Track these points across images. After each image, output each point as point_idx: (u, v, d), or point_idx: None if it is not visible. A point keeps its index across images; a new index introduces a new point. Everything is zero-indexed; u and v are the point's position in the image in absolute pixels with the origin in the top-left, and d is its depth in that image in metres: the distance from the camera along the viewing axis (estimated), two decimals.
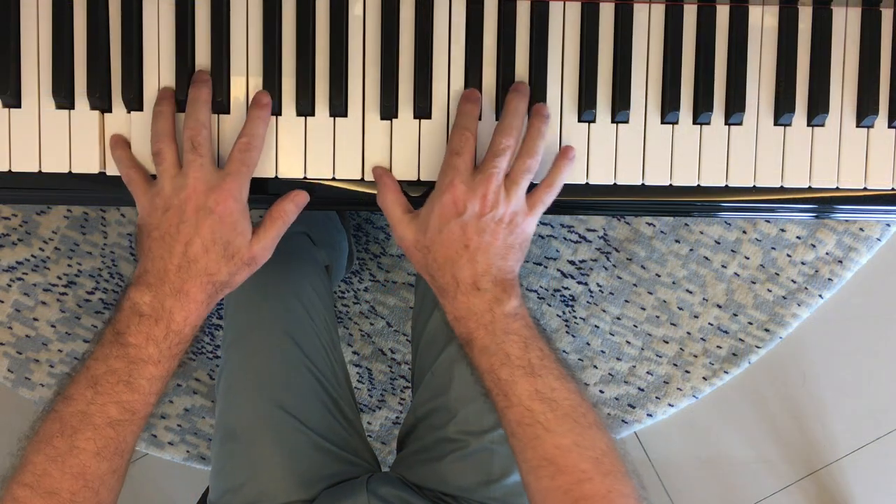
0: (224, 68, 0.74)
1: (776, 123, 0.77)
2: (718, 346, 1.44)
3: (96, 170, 0.75)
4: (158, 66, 0.74)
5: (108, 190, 0.76)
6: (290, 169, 0.75)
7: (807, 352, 1.46)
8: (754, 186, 0.77)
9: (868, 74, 0.76)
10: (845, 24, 0.76)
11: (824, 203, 0.78)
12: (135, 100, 0.74)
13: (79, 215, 1.40)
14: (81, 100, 0.74)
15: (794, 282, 1.42)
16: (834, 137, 0.77)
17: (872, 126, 0.77)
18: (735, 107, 0.76)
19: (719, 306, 1.43)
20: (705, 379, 1.45)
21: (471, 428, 0.90)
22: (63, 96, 0.74)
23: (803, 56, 0.76)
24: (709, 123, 0.76)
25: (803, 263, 1.42)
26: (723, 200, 0.78)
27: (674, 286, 1.42)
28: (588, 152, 0.76)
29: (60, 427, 0.67)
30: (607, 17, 0.75)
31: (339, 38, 0.74)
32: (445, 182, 0.70)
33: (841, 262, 1.41)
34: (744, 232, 1.41)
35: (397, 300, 1.43)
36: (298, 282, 1.00)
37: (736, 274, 1.42)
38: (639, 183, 0.77)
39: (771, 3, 0.76)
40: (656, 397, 1.46)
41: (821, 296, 1.43)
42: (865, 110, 0.76)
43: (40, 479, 0.66)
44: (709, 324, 1.44)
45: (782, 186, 0.77)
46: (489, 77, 0.75)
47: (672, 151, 0.76)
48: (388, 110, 0.75)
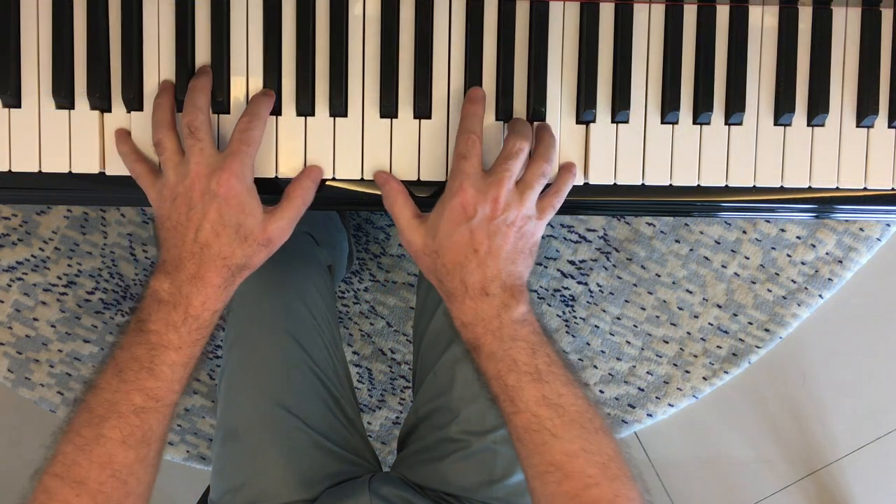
0: (224, 68, 0.74)
1: (776, 123, 0.77)
2: (718, 346, 1.44)
3: (96, 170, 0.75)
4: (158, 66, 0.74)
5: (108, 190, 0.76)
6: (290, 169, 0.75)
7: (807, 352, 1.46)
8: (754, 186, 0.77)
9: (868, 74, 0.76)
10: (845, 24, 0.76)
11: (824, 203, 0.78)
12: (135, 99, 0.74)
13: (79, 215, 1.40)
14: (81, 100, 0.74)
15: (794, 282, 1.42)
16: (834, 137, 0.77)
17: (872, 126, 0.77)
18: (735, 107, 0.76)
19: (719, 306, 1.43)
20: (705, 379, 1.45)
21: (473, 428, 0.90)
22: (63, 96, 0.74)
23: (803, 56, 0.76)
24: (709, 123, 0.76)
25: (803, 263, 1.42)
26: (723, 200, 0.78)
27: (674, 286, 1.42)
28: (588, 152, 0.76)
29: (88, 416, 0.68)
30: (607, 17, 0.75)
31: (339, 38, 0.74)
32: (455, 186, 0.69)
33: (841, 262, 1.41)
34: (744, 232, 1.41)
35: (397, 300, 1.43)
36: (301, 281, 1.00)
37: (736, 274, 1.42)
38: (639, 183, 0.77)
39: (771, 3, 0.76)
40: (656, 397, 1.46)
41: (821, 296, 1.43)
42: (865, 110, 0.76)
43: (69, 468, 0.67)
44: (709, 324, 1.44)
45: (782, 186, 0.77)
46: (489, 77, 0.75)
47: (672, 151, 0.76)
48: (388, 110, 0.75)
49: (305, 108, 0.75)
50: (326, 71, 0.74)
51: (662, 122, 0.76)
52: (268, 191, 0.74)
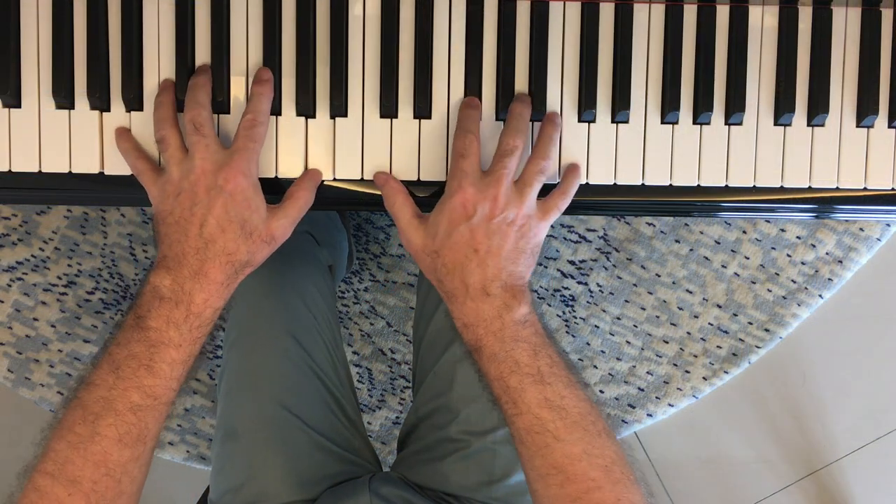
0: (224, 68, 0.74)
1: (776, 123, 0.77)
2: (718, 346, 1.44)
3: (96, 170, 0.75)
4: (158, 66, 0.74)
5: (108, 190, 0.76)
6: (291, 169, 0.75)
7: (807, 352, 1.46)
8: (754, 186, 0.77)
9: (868, 74, 0.76)
10: (845, 24, 0.76)
11: (824, 203, 0.78)
12: (135, 99, 0.74)
13: (79, 215, 1.40)
14: (81, 100, 0.74)
15: (794, 282, 1.42)
16: (834, 137, 0.77)
17: (872, 126, 0.77)
18: (735, 107, 0.76)
19: (719, 306, 1.43)
20: (705, 379, 1.45)
21: (473, 428, 0.90)
22: (63, 96, 0.74)
23: (803, 56, 0.76)
24: (709, 123, 0.76)
25: (803, 263, 1.42)
26: (723, 200, 0.78)
27: (674, 286, 1.42)
28: (588, 152, 0.76)
29: (83, 413, 0.67)
30: (607, 17, 0.75)
31: (339, 38, 0.74)
32: (454, 185, 0.69)
33: (841, 262, 1.41)
34: (744, 232, 1.41)
35: (397, 300, 1.43)
36: (301, 281, 1.00)
37: (736, 274, 1.42)
38: (639, 183, 0.77)
39: (771, 3, 0.76)
40: (656, 397, 1.46)
41: (821, 296, 1.43)
42: (865, 110, 0.76)
43: (62, 466, 0.65)
44: (709, 324, 1.44)
45: (782, 186, 0.77)
46: (489, 77, 0.75)
47: (672, 151, 0.76)
48: (388, 110, 0.75)
49: (305, 108, 0.75)
50: (326, 71, 0.74)
51: (662, 122, 0.76)
52: (270, 191, 0.74)
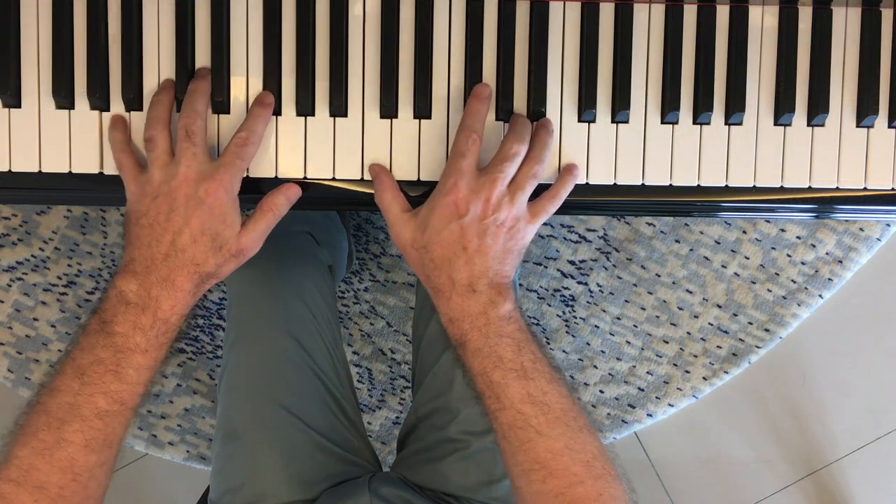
0: (224, 68, 0.74)
1: (776, 123, 0.77)
2: (718, 346, 1.44)
3: (96, 170, 0.75)
4: (158, 66, 0.74)
5: (108, 190, 0.76)
6: (290, 169, 0.75)
7: (807, 352, 1.46)
8: (754, 186, 0.77)
9: (868, 74, 0.76)
10: (845, 24, 0.76)
11: (824, 203, 0.78)
12: (135, 100, 0.74)
13: (79, 215, 1.40)
14: (81, 100, 0.74)
15: (794, 282, 1.42)
16: (834, 137, 0.77)
17: (872, 126, 0.77)
18: (735, 107, 0.76)
19: (719, 306, 1.43)
20: (705, 379, 1.45)
21: (472, 428, 0.90)
22: (63, 96, 0.74)
23: (803, 56, 0.76)
24: (709, 123, 0.76)
25: (803, 263, 1.42)
26: (723, 200, 0.78)
27: (674, 286, 1.42)
28: (588, 152, 0.76)
29: (47, 420, 0.66)
30: (607, 17, 0.75)
31: (339, 38, 0.74)
32: (449, 183, 0.70)
33: (841, 262, 1.41)
34: (744, 232, 1.41)
35: (397, 300, 1.43)
36: (301, 281, 1.00)
37: (736, 274, 1.42)
38: (639, 183, 0.77)
39: (771, 3, 0.76)
40: (656, 397, 1.46)
41: (821, 296, 1.43)
42: (865, 110, 0.76)
43: (27, 473, 0.65)
44: (709, 324, 1.44)
45: (782, 186, 0.77)
46: (489, 77, 0.75)
47: (672, 151, 0.76)
48: (388, 110, 0.75)
49: (305, 107, 0.75)
50: (326, 71, 0.74)
51: (662, 122, 0.76)
52: (258, 190, 0.74)
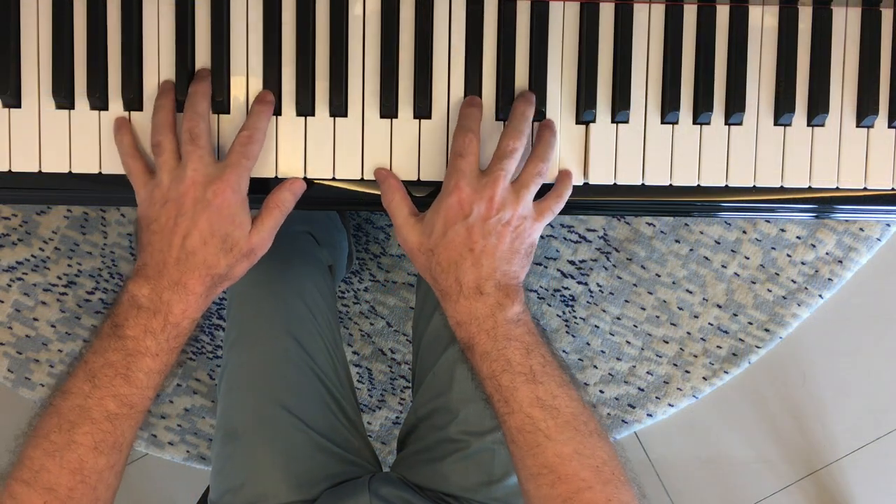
0: (224, 68, 0.74)
1: (776, 123, 0.77)
2: (718, 346, 1.44)
3: (96, 170, 0.75)
4: (158, 66, 0.74)
5: (108, 190, 0.76)
6: (290, 169, 0.75)
7: (807, 352, 1.46)
8: (754, 186, 0.77)
9: (868, 74, 0.76)
10: (845, 24, 0.76)
11: (824, 203, 0.78)
12: (135, 100, 0.74)
13: (79, 215, 1.40)
14: (81, 100, 0.74)
15: (794, 282, 1.42)
16: (834, 137, 0.77)
17: (872, 126, 0.77)
18: (735, 107, 0.76)
19: (719, 306, 1.43)
20: (705, 379, 1.45)
21: (472, 428, 0.90)
22: (63, 96, 0.74)
23: (803, 56, 0.76)
24: (709, 123, 0.76)
25: (803, 263, 1.42)
26: (723, 200, 0.78)
27: (674, 286, 1.42)
28: (588, 152, 0.76)
29: (58, 422, 0.67)
30: (607, 17, 0.75)
31: (339, 38, 0.74)
32: (451, 184, 0.70)
33: (841, 262, 1.41)
34: (744, 232, 1.41)
35: (397, 300, 1.43)
36: (301, 281, 1.00)
37: (736, 274, 1.42)
38: (639, 183, 0.77)
39: (771, 3, 0.76)
40: (656, 397, 1.46)
41: (821, 296, 1.43)
42: (865, 110, 0.76)
43: (38, 474, 0.65)
44: (709, 324, 1.44)
45: (782, 186, 0.77)
46: (489, 77, 0.75)
47: (672, 151, 0.76)
48: (388, 110, 0.75)
49: (305, 107, 0.75)
50: (326, 71, 0.74)
51: (662, 122, 0.76)
52: (259, 190, 0.74)
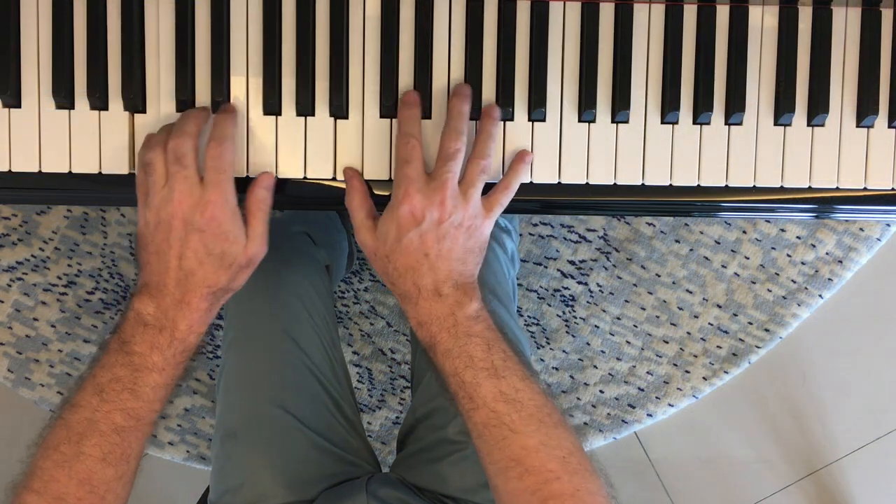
0: (224, 68, 0.74)
1: (776, 123, 0.77)
2: (718, 346, 1.44)
3: (96, 170, 0.75)
4: (158, 66, 0.74)
5: (108, 190, 0.76)
6: (290, 169, 0.75)
7: (807, 352, 1.46)
8: (754, 186, 0.77)
9: (868, 74, 0.76)
10: (845, 24, 0.76)
11: (824, 203, 0.78)
12: (135, 100, 0.74)
13: (79, 215, 1.40)
14: (81, 100, 0.74)
15: (794, 282, 1.42)
16: (834, 137, 0.77)
17: (872, 126, 0.77)
18: (735, 107, 0.76)
19: (719, 306, 1.43)
20: (705, 379, 1.45)
21: None
22: (63, 96, 0.74)
23: (803, 56, 0.76)
24: (709, 123, 0.76)
25: (803, 263, 1.42)
26: (723, 200, 0.78)
27: (674, 286, 1.42)
28: (588, 152, 0.76)
29: (67, 434, 0.68)
30: (607, 17, 0.75)
31: (339, 38, 0.74)
32: (401, 193, 0.69)
33: (841, 262, 1.41)
34: (744, 232, 1.41)
35: (397, 300, 1.43)
36: (299, 281, 1.00)
37: (736, 274, 1.42)
38: (639, 183, 0.77)
39: (771, 3, 0.76)
40: (656, 397, 1.46)
41: (821, 296, 1.43)
42: (865, 110, 0.76)
43: (47, 484, 0.67)
44: (709, 324, 1.44)
45: (782, 186, 0.77)
46: (489, 77, 0.75)
47: (672, 151, 0.76)
48: (389, 109, 0.75)
49: (305, 107, 0.75)
50: (326, 71, 0.74)
51: (662, 122, 0.76)
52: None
